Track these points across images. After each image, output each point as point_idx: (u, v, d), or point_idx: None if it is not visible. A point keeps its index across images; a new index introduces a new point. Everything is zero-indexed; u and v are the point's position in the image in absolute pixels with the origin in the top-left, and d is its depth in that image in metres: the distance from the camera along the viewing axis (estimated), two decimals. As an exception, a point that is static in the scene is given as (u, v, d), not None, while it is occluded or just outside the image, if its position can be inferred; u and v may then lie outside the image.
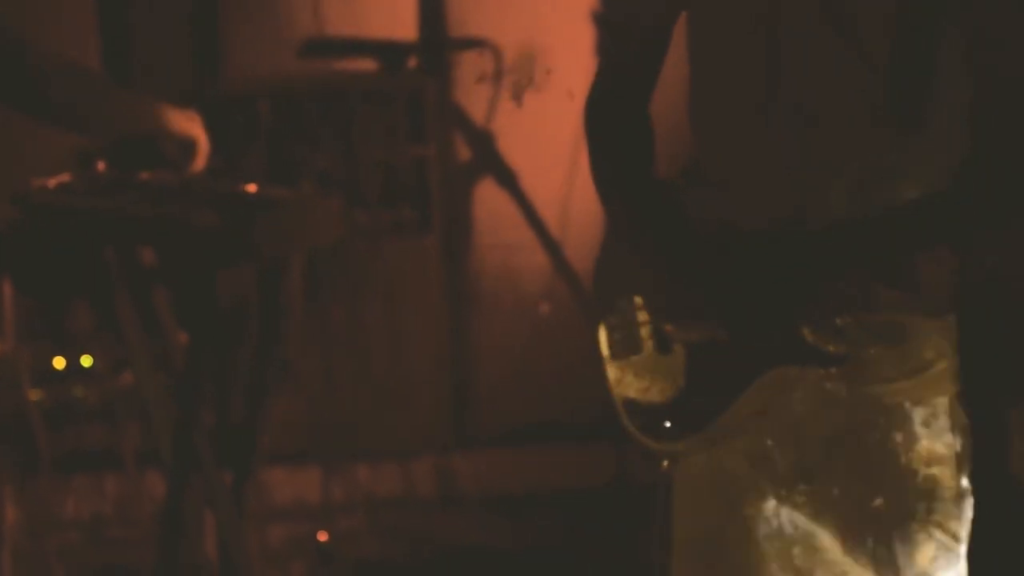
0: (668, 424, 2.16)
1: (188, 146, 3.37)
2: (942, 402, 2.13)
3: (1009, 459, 2.17)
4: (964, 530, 2.12)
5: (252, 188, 3.36)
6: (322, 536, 4.18)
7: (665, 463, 2.21)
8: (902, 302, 2.05)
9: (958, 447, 2.12)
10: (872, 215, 2.00)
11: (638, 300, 2.18)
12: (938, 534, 2.11)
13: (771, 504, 2.16)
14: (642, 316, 2.17)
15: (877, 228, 2.00)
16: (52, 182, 3.40)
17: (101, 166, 3.42)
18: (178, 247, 3.33)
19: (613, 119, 2.22)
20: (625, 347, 2.18)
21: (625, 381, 2.19)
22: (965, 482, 2.13)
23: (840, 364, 2.06)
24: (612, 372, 2.20)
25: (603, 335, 2.22)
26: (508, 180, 4.53)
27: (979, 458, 2.13)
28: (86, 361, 3.90)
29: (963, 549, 2.11)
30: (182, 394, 3.54)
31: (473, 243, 4.67)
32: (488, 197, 4.60)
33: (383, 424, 4.50)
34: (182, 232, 3.24)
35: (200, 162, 3.38)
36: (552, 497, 4.45)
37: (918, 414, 2.12)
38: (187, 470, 3.60)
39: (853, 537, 2.13)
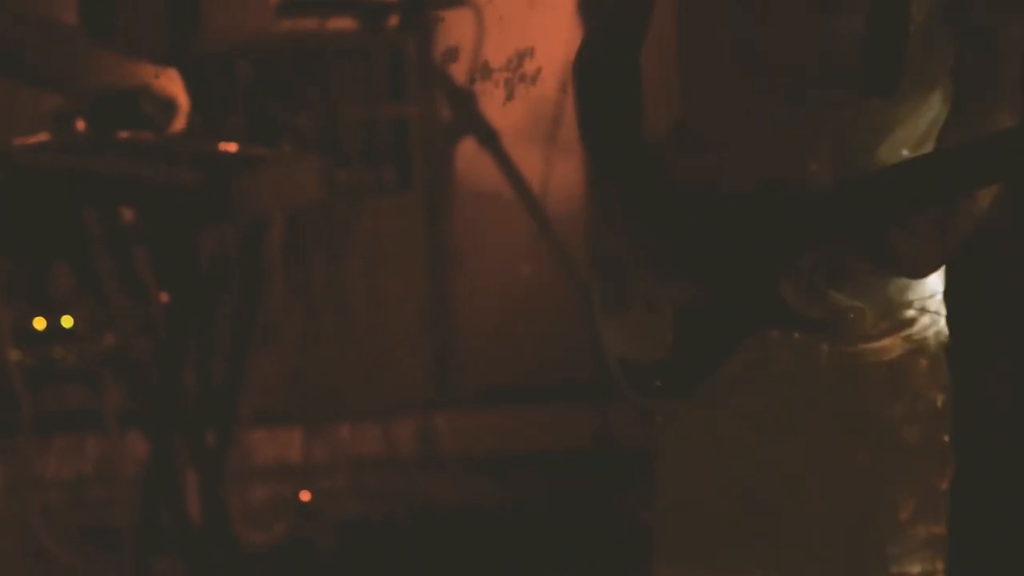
0: (659, 383, 2.17)
1: (167, 105, 3.36)
2: (926, 359, 2.14)
3: (993, 414, 2.18)
4: (945, 483, 2.13)
5: (232, 147, 3.36)
6: (304, 496, 4.18)
7: (658, 419, 2.22)
8: (883, 263, 2.06)
9: (940, 403, 2.14)
10: (855, 179, 2.01)
11: (627, 259, 2.19)
12: (921, 489, 2.13)
13: (759, 462, 2.17)
14: (632, 275, 2.19)
15: (859, 191, 2.01)
16: (31, 142, 3.38)
17: (80, 125, 3.41)
18: (158, 206, 3.33)
19: (601, 77, 2.22)
20: (616, 304, 2.20)
21: (617, 338, 2.20)
22: (947, 438, 2.14)
23: (822, 329, 2.07)
24: (605, 329, 2.21)
25: (595, 291, 2.23)
26: (490, 139, 4.52)
27: (963, 413, 2.14)
28: (67, 322, 3.88)
29: (944, 503, 2.13)
30: (163, 355, 3.54)
31: (455, 203, 4.66)
32: (470, 156, 4.59)
33: (365, 384, 4.49)
34: (162, 191, 3.23)
35: (180, 121, 3.37)
36: (534, 457, 4.46)
37: (902, 371, 2.13)
38: (169, 431, 3.60)
39: (839, 493, 2.14)
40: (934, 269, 2.09)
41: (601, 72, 2.22)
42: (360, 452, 4.45)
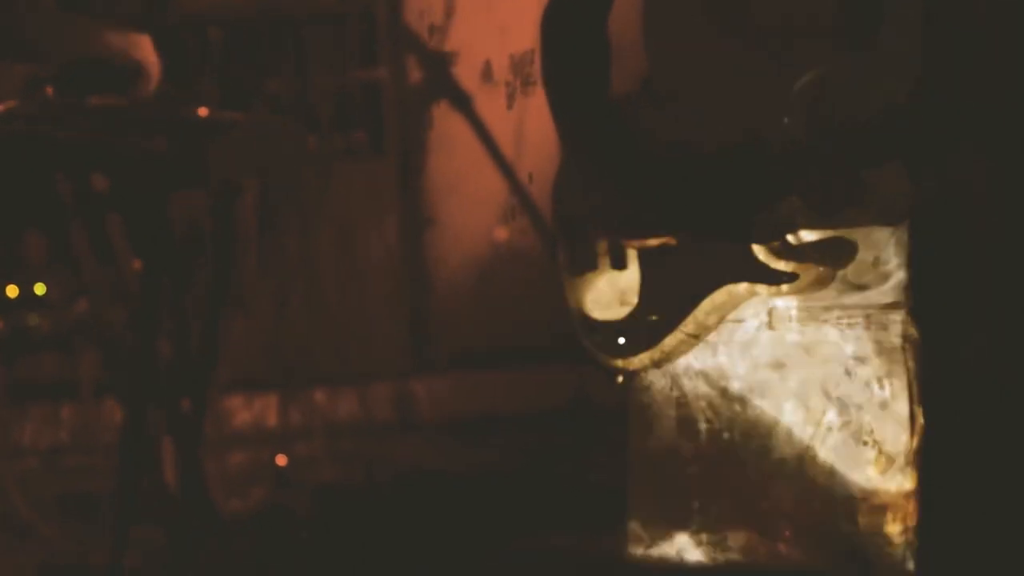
0: (622, 341, 2.18)
1: (139, 71, 3.34)
2: (894, 316, 2.15)
3: (960, 370, 2.19)
4: (915, 440, 2.14)
5: (203, 112, 3.34)
6: (281, 460, 4.18)
7: (620, 379, 2.23)
8: (853, 217, 2.07)
9: (909, 359, 2.15)
10: (826, 133, 2.01)
11: (593, 216, 2.19)
12: (887, 445, 2.14)
13: (726, 419, 2.18)
14: (598, 233, 2.19)
15: (830, 145, 2.01)
16: (0, 109, 3.36)
17: (50, 91, 3.39)
18: (130, 172, 3.31)
19: (569, 32, 2.22)
20: (582, 263, 2.20)
21: (582, 297, 2.21)
22: (916, 394, 2.15)
23: (790, 282, 2.07)
24: (569, 288, 2.22)
25: (561, 251, 2.23)
26: (462, 102, 4.51)
27: (929, 370, 2.15)
28: (39, 289, 3.88)
29: (914, 460, 2.14)
30: (137, 322, 3.53)
31: (427, 167, 4.65)
32: (442, 120, 4.58)
33: (340, 350, 4.49)
34: (134, 157, 3.21)
35: (151, 87, 3.35)
36: (510, 420, 4.47)
37: (870, 329, 2.14)
38: (144, 398, 3.59)
39: (808, 450, 2.15)
40: (906, 212, 2.10)
41: (569, 30, 2.22)
42: (336, 417, 4.46)
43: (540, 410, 4.48)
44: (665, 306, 2.15)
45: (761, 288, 2.09)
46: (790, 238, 2.07)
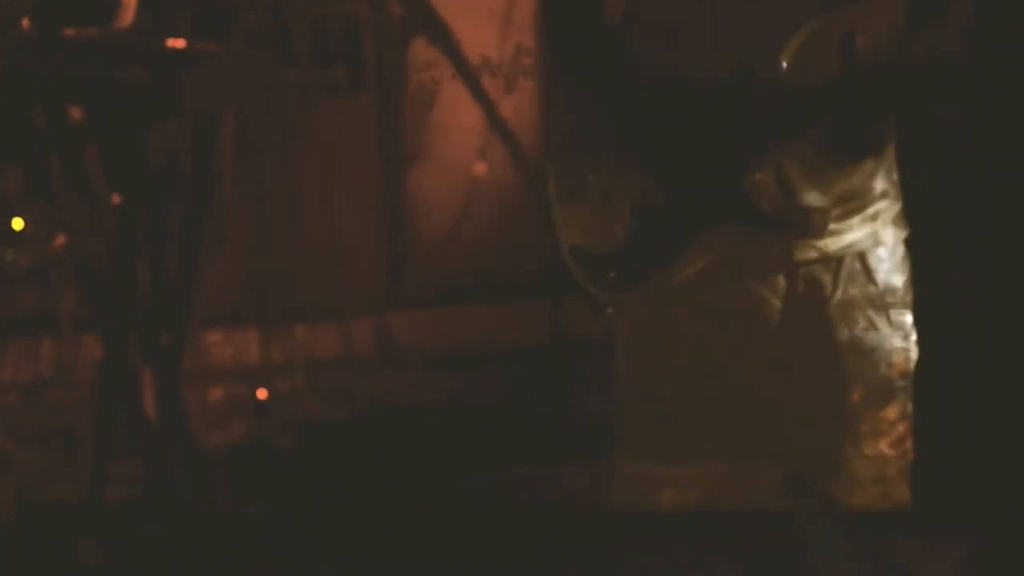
0: (612, 275, 2.17)
1: (115, 2, 3.32)
2: (883, 247, 2.15)
3: (945, 296, 2.19)
4: (906, 368, 2.15)
5: (180, 44, 3.32)
6: (261, 394, 4.19)
7: (609, 311, 2.22)
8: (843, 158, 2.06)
9: (899, 289, 2.15)
10: (819, 78, 2.00)
11: (583, 150, 2.18)
12: (879, 374, 2.14)
13: (715, 353, 2.18)
14: (588, 164, 2.17)
15: (823, 91, 2.00)
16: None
17: (26, 24, 3.36)
18: (107, 104, 3.29)
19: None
20: (572, 195, 2.19)
21: (571, 228, 2.19)
22: (906, 322, 2.15)
23: (782, 226, 2.07)
24: (559, 219, 2.20)
25: (551, 181, 2.21)
26: (442, 36, 4.49)
27: (922, 296, 2.15)
28: (17, 224, 3.87)
29: (904, 388, 2.14)
30: (116, 255, 3.52)
31: (407, 101, 4.64)
32: (422, 54, 4.56)
33: (320, 284, 4.49)
34: (111, 89, 3.20)
35: (127, 18, 3.33)
36: (490, 354, 4.47)
37: (865, 259, 2.14)
38: (124, 332, 3.59)
39: (795, 381, 2.16)
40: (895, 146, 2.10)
41: None
42: (317, 352, 4.46)
43: (520, 344, 4.48)
44: (656, 243, 2.14)
45: (754, 230, 2.09)
46: (786, 181, 2.06)
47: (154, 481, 3.55)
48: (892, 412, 2.15)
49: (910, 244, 2.17)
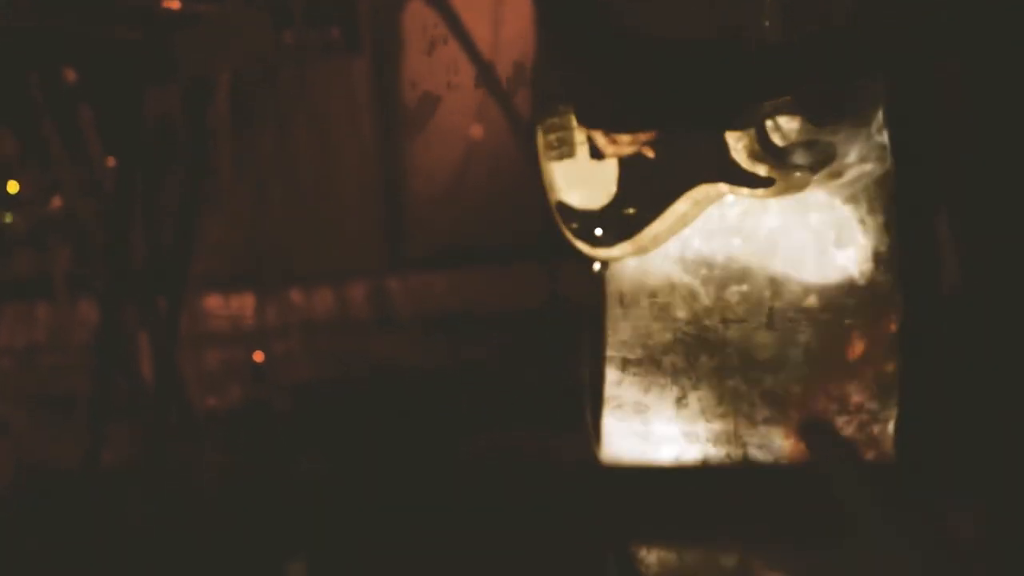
0: (600, 231, 2.17)
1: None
2: (870, 203, 2.15)
3: (938, 258, 2.19)
4: (894, 325, 2.15)
5: (174, 4, 3.31)
6: (258, 357, 4.18)
7: (597, 267, 2.22)
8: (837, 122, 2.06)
9: (885, 246, 2.15)
10: (806, 38, 2.00)
11: (572, 107, 2.17)
12: (870, 329, 2.14)
13: (703, 307, 2.18)
14: (575, 122, 2.18)
15: (812, 49, 2.00)
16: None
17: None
18: (102, 65, 3.28)
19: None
20: (560, 151, 2.19)
21: (560, 184, 2.20)
22: (893, 279, 2.15)
23: (767, 186, 2.07)
24: (548, 174, 2.21)
25: (540, 137, 2.21)
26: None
27: (909, 258, 2.15)
28: (12, 187, 3.86)
29: (894, 343, 2.14)
30: (111, 219, 3.52)
31: (403, 64, 4.63)
32: (418, 16, 4.54)
33: (317, 248, 4.49)
34: (105, 49, 3.19)
35: (121, -21, 3.32)
36: (485, 317, 4.47)
37: (851, 214, 2.14)
38: (119, 296, 3.59)
39: (788, 335, 2.15)
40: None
41: None
42: (313, 315, 4.46)
43: (514, 308, 4.49)
44: (642, 200, 2.14)
45: (738, 190, 2.09)
46: (770, 140, 2.06)
47: (150, 444, 3.55)
48: (879, 369, 2.15)
49: (898, 204, 2.17)
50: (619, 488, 2.24)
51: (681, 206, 2.11)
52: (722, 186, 2.08)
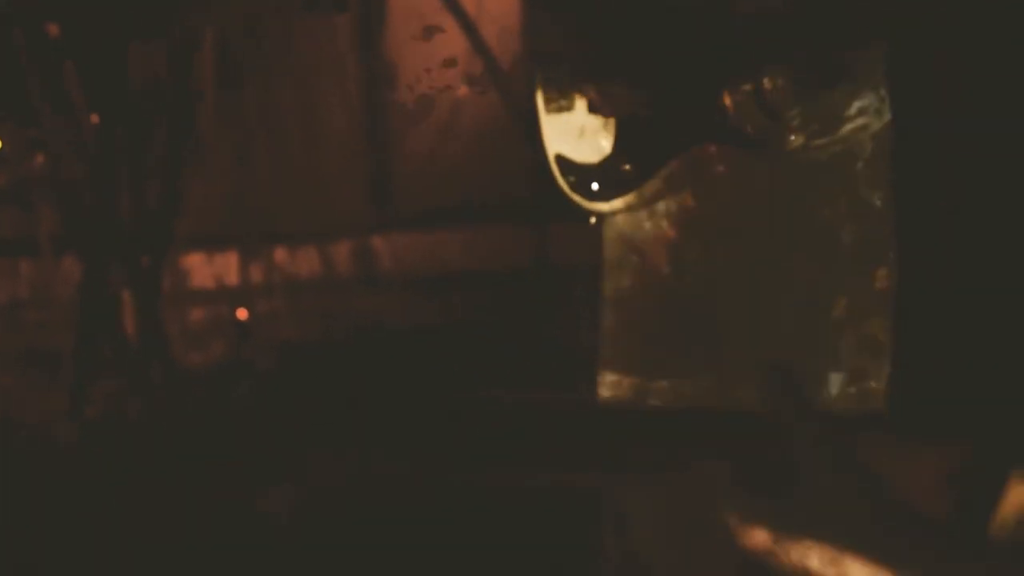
0: (597, 185, 2.18)
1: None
2: (862, 160, 2.15)
3: (929, 208, 2.19)
4: (883, 284, 2.15)
5: (159, -40, 3.30)
6: (241, 314, 4.18)
7: (592, 220, 2.23)
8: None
9: (878, 202, 2.15)
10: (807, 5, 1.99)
11: (569, 61, 2.17)
12: (858, 288, 2.14)
13: (694, 262, 2.19)
14: (573, 75, 2.17)
15: (809, 11, 1.99)
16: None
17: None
18: (86, 20, 3.27)
19: None
20: (558, 104, 2.19)
21: (557, 138, 2.20)
22: (885, 238, 2.15)
23: (763, 147, 2.07)
24: (546, 127, 2.21)
25: (538, 90, 2.21)
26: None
27: (905, 208, 2.15)
28: (-4, 143, 3.84)
29: (885, 303, 2.14)
30: (96, 176, 3.51)
31: (389, 22, 4.61)
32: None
33: (301, 207, 4.48)
34: (90, 4, 3.18)
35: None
36: (471, 277, 4.47)
37: (846, 166, 2.14)
38: (103, 253, 3.59)
39: (776, 294, 2.16)
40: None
41: None
42: (297, 274, 4.45)
43: (501, 268, 4.48)
44: (639, 157, 2.14)
45: (734, 150, 2.09)
46: (765, 101, 2.06)
47: (134, 401, 3.55)
48: (875, 325, 2.15)
49: (894, 158, 2.17)
50: (609, 436, 2.25)
51: (677, 164, 2.11)
52: (718, 146, 2.08)
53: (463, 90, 4.60)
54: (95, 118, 3.56)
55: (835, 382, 2.14)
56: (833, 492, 1.40)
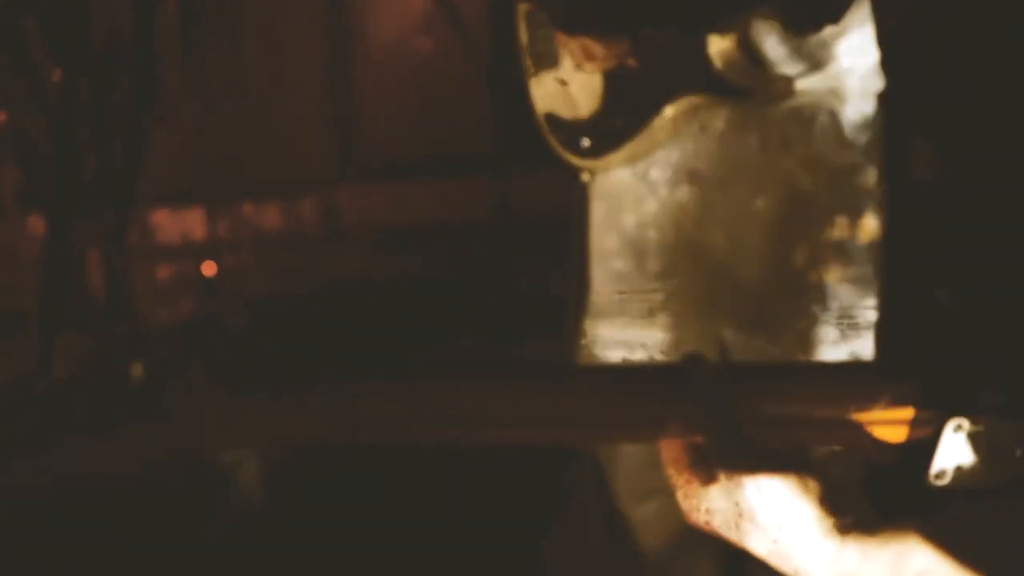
0: (586, 142, 2.19)
1: None
2: (860, 103, 2.15)
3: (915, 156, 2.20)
4: (876, 223, 2.16)
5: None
6: (208, 270, 4.18)
7: (584, 176, 2.24)
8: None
9: (867, 140, 2.16)
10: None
11: (556, 19, 2.18)
12: (826, 236, 2.16)
13: (677, 213, 2.19)
14: (562, 32, 2.18)
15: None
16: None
17: None
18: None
19: None
20: (544, 61, 2.19)
21: (546, 96, 2.20)
22: (868, 185, 2.17)
23: (748, 97, 2.07)
24: (534, 87, 2.21)
25: (526, 49, 2.22)
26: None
27: (892, 158, 2.16)
28: (-42, 101, 3.82)
29: (863, 250, 2.16)
30: (59, 133, 3.50)
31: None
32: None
33: (267, 162, 4.47)
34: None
35: None
36: (437, 230, 4.47)
37: (832, 114, 2.15)
38: (70, 211, 3.57)
39: (742, 240, 2.17)
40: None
41: None
42: (263, 228, 4.45)
43: (466, 220, 4.48)
44: (627, 111, 2.15)
45: (720, 99, 2.09)
46: (751, 51, 2.07)
47: (100, 358, 3.55)
48: (833, 275, 2.17)
49: (883, 102, 2.18)
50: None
51: (665, 117, 2.12)
52: (704, 96, 2.09)
53: (428, 43, 4.59)
54: (57, 74, 3.54)
55: (797, 332, 2.16)
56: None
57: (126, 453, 1.80)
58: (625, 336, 2.24)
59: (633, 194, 2.23)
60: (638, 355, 2.23)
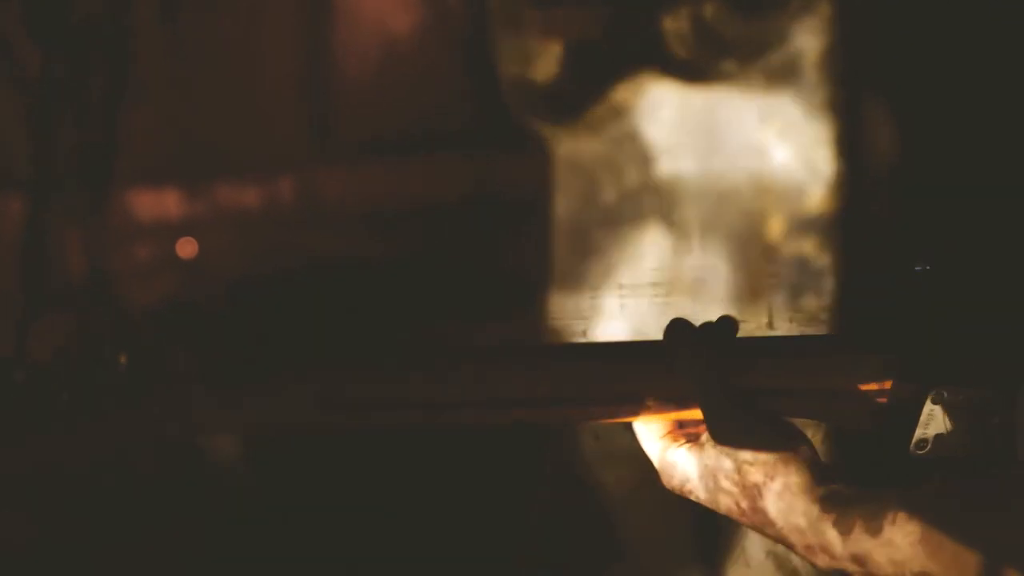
0: (547, 108, 2.20)
1: None
2: (815, 73, 2.15)
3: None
4: (829, 204, 2.16)
5: None
6: (187, 250, 4.17)
7: (544, 143, 2.25)
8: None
9: (817, 122, 2.16)
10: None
11: None
12: (793, 208, 2.16)
13: (654, 179, 2.20)
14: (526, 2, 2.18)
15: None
16: None
17: None
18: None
19: None
20: (513, 26, 2.20)
21: (511, 61, 2.21)
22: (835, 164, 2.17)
23: (701, 73, 2.08)
24: (501, 51, 2.22)
25: (492, 17, 2.22)
26: None
27: (852, 131, 2.16)
28: (-67, 80, 3.79)
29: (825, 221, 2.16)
30: (36, 110, 3.48)
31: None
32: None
33: (244, 139, 4.45)
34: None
35: None
36: (416, 208, 4.46)
37: (791, 91, 2.15)
38: (46, 189, 3.56)
39: (722, 215, 2.17)
40: None
41: None
42: (241, 207, 4.43)
43: (446, 199, 4.48)
44: (585, 79, 2.16)
45: (675, 78, 2.10)
46: (704, 26, 2.06)
47: (79, 340, 3.54)
48: (808, 246, 2.18)
49: (842, 80, 2.18)
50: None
51: (622, 89, 2.13)
52: (659, 71, 2.09)
53: (405, 18, 4.57)
54: (33, 51, 3.52)
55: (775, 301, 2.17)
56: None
57: (108, 439, 1.79)
58: (598, 311, 2.25)
59: (603, 167, 2.24)
60: (611, 331, 2.24)
